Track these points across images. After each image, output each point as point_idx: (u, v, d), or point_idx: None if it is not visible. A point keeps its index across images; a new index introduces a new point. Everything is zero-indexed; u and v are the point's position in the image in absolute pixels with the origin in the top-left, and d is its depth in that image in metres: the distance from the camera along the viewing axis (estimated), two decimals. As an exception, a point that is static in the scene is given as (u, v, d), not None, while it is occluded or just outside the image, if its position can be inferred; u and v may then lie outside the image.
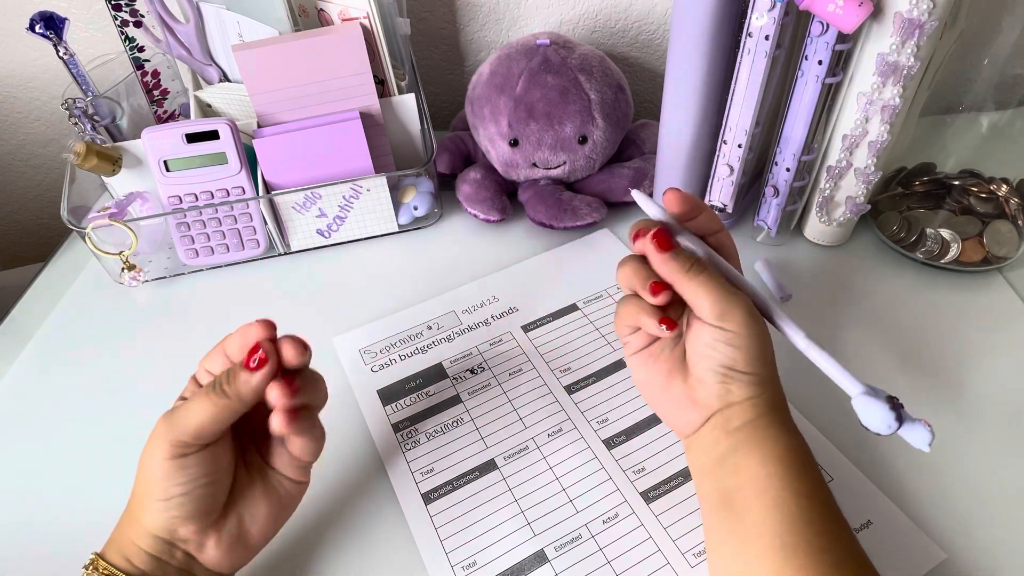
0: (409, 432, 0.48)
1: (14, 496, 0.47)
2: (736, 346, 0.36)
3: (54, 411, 0.52)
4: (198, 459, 0.35)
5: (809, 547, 0.33)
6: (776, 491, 0.34)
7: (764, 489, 0.34)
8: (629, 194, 0.63)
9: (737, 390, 0.36)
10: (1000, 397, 0.48)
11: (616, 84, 0.62)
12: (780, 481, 0.34)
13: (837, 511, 0.35)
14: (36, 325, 0.58)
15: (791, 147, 0.53)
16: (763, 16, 0.47)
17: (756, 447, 0.35)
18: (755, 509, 0.34)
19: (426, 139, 0.64)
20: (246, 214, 0.59)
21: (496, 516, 0.43)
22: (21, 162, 0.86)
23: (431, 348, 0.54)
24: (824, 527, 0.34)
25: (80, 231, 0.56)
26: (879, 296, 0.56)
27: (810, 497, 0.34)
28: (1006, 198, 0.56)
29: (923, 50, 0.46)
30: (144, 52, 0.62)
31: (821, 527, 0.33)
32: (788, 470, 0.35)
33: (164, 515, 0.35)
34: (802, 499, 0.34)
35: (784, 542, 0.33)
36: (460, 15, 0.75)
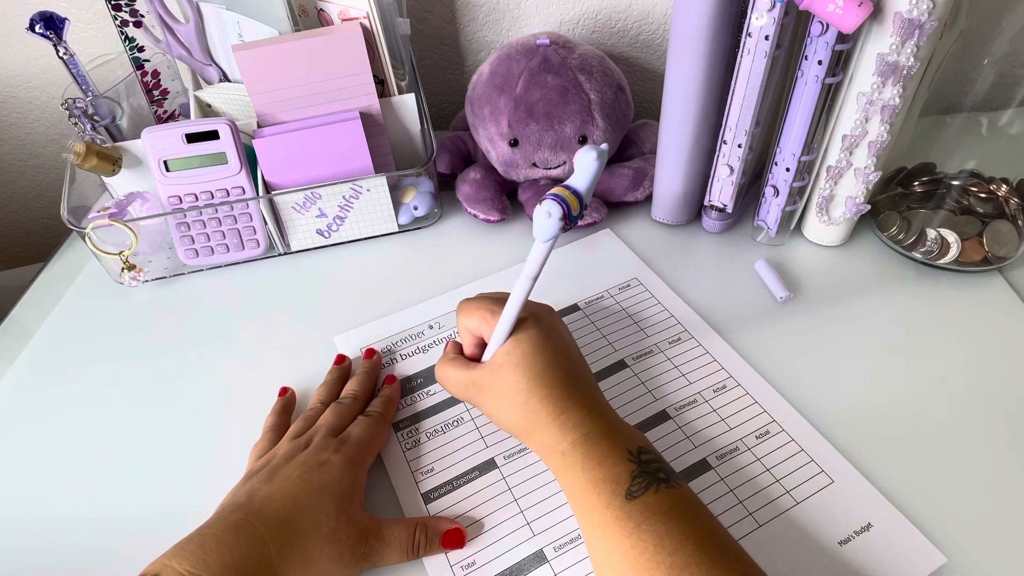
0: (409, 431, 0.48)
1: (14, 496, 0.47)
2: (489, 417, 0.45)
3: (54, 411, 0.52)
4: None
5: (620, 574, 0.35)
6: (582, 530, 0.38)
7: (582, 531, 0.39)
8: (629, 194, 0.63)
9: (521, 440, 0.44)
10: (1000, 397, 0.48)
11: (616, 84, 0.62)
12: (580, 520, 0.38)
13: (639, 520, 0.35)
14: (36, 325, 0.58)
15: (791, 147, 0.53)
16: (763, 16, 0.47)
17: (562, 488, 0.41)
18: (589, 552, 0.38)
19: (426, 139, 0.64)
20: (246, 214, 0.59)
21: (496, 516, 0.43)
22: (21, 162, 0.86)
23: (432, 347, 0.54)
24: (623, 552, 0.35)
25: (80, 231, 0.56)
26: (879, 296, 0.56)
27: (603, 526, 0.36)
28: (1006, 198, 0.56)
29: (923, 50, 0.46)
30: (144, 52, 0.62)
31: (620, 554, 0.35)
32: (579, 507, 0.38)
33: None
34: (597, 531, 0.37)
35: (598, 571, 0.37)
36: (460, 15, 0.75)
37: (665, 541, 0.34)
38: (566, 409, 0.40)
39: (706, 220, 0.62)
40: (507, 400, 0.42)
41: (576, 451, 0.39)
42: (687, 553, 0.34)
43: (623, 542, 0.35)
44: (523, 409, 0.41)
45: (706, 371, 0.50)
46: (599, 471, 0.37)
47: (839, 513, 0.42)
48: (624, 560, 0.35)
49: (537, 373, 0.41)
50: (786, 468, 0.44)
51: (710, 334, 0.53)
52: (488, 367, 0.43)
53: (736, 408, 0.48)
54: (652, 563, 0.34)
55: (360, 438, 0.44)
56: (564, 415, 0.40)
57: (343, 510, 0.40)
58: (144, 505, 0.46)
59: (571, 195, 0.36)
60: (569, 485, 0.39)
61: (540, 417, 0.40)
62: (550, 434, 0.40)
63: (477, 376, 0.43)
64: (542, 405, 0.40)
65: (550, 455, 0.40)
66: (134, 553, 0.38)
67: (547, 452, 0.40)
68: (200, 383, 0.53)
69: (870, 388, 0.49)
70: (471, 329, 0.45)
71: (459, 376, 0.45)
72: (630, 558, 0.34)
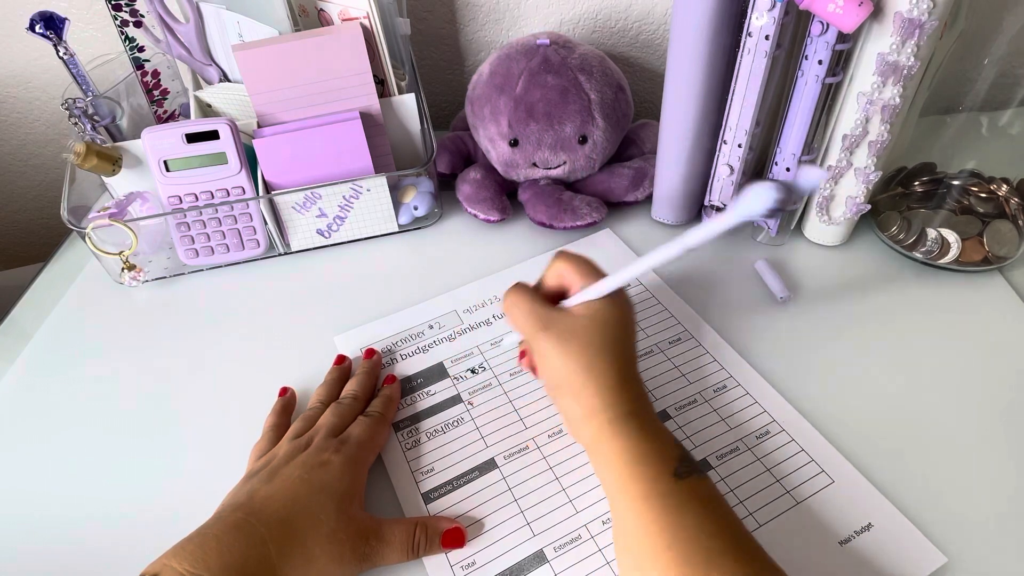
0: (410, 431, 0.48)
1: (14, 496, 0.47)
2: (544, 366, 0.42)
3: (54, 411, 0.52)
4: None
5: (655, 549, 0.34)
6: (622, 499, 0.37)
7: (615, 499, 0.37)
8: (630, 194, 0.63)
9: (562, 403, 0.42)
10: (1001, 397, 0.48)
11: (616, 84, 0.62)
12: (620, 489, 0.37)
13: (687, 498, 0.35)
14: (36, 325, 0.58)
15: (791, 147, 0.53)
16: (763, 16, 0.47)
17: (597, 458, 0.39)
18: (617, 520, 0.37)
19: (426, 139, 0.64)
20: (246, 214, 0.59)
21: (496, 516, 0.43)
22: (21, 162, 0.86)
23: (432, 347, 0.54)
24: (667, 523, 0.34)
25: (80, 231, 0.56)
26: (879, 296, 0.56)
27: (646, 498, 0.35)
28: (1006, 198, 0.56)
29: (923, 50, 0.46)
30: (144, 52, 0.62)
31: (661, 526, 0.34)
32: (622, 476, 0.37)
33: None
34: (640, 502, 0.35)
35: (640, 549, 0.35)
36: (460, 15, 0.75)
37: (705, 525, 0.34)
38: (627, 381, 0.40)
39: (706, 220, 0.62)
40: (574, 349, 0.40)
41: (631, 421, 0.38)
42: (725, 540, 0.34)
43: (666, 518, 0.35)
44: (586, 366, 0.39)
45: (706, 371, 0.50)
46: (650, 445, 0.37)
47: (839, 513, 0.42)
48: (662, 535, 0.34)
49: (613, 339, 0.41)
50: (786, 468, 0.44)
51: (710, 334, 0.53)
52: (570, 311, 0.42)
53: (736, 408, 0.48)
54: (693, 544, 0.34)
55: (360, 438, 0.44)
56: (625, 385, 0.40)
57: (343, 510, 0.40)
58: (144, 505, 0.46)
59: (790, 186, 0.34)
60: (614, 452, 0.38)
61: (601, 379, 0.39)
62: (605, 398, 0.39)
63: (554, 315, 0.42)
64: (608, 368, 0.40)
65: (597, 417, 0.39)
66: (134, 553, 0.38)
67: (594, 414, 0.39)
68: (200, 383, 0.53)
69: (870, 388, 0.49)
70: (565, 275, 0.43)
71: (533, 307, 0.42)
72: (669, 533, 0.34)
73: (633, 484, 0.36)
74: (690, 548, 0.33)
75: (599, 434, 0.39)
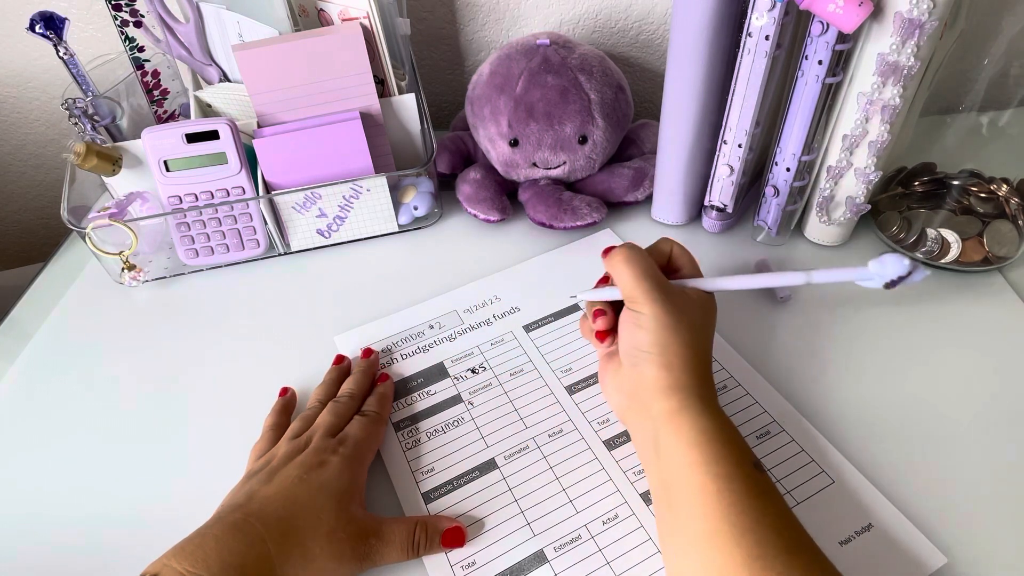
0: (410, 431, 0.48)
1: (14, 496, 0.47)
2: (643, 327, 0.39)
3: (54, 411, 0.52)
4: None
5: (733, 530, 0.33)
6: (697, 478, 0.35)
7: (688, 477, 0.36)
8: (629, 194, 0.63)
9: (647, 371, 0.39)
10: (1001, 397, 0.48)
11: (616, 84, 0.62)
12: (699, 467, 0.36)
13: (765, 489, 0.35)
14: (36, 325, 0.58)
15: (791, 147, 0.53)
16: (763, 16, 0.47)
17: (674, 433, 0.37)
18: (683, 499, 0.36)
19: (426, 139, 0.64)
20: (246, 214, 0.59)
21: (496, 516, 0.43)
22: (21, 162, 0.86)
23: (432, 347, 0.54)
24: (747, 507, 0.34)
25: (80, 231, 0.56)
26: (879, 296, 0.56)
27: (730, 479, 0.35)
28: (1006, 198, 0.56)
29: (923, 50, 0.46)
30: (144, 52, 0.62)
31: (743, 508, 0.34)
32: (705, 454, 0.36)
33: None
34: (721, 482, 0.35)
35: (708, 530, 0.34)
36: (460, 15, 0.75)
37: (783, 517, 0.35)
38: (709, 372, 0.40)
39: (706, 220, 0.62)
40: (684, 321, 0.39)
41: (715, 404, 0.39)
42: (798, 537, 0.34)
43: (748, 502, 0.34)
44: (690, 340, 0.39)
45: (706, 371, 0.50)
46: (734, 432, 0.38)
47: (840, 513, 0.42)
48: (740, 519, 0.33)
49: (709, 330, 0.42)
50: (787, 468, 0.44)
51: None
52: (686, 290, 0.42)
53: (737, 408, 0.48)
54: (771, 534, 0.33)
55: (358, 437, 0.44)
56: (709, 374, 0.40)
57: (343, 509, 0.40)
58: (144, 505, 0.46)
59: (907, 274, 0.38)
60: (698, 429, 0.37)
61: (697, 359, 0.39)
62: (695, 376, 0.39)
63: (673, 286, 0.41)
64: (703, 352, 0.40)
65: (685, 391, 0.38)
66: (134, 553, 0.38)
67: (682, 388, 0.38)
68: (200, 383, 0.53)
69: (870, 388, 0.49)
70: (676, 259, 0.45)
71: (654, 270, 0.41)
72: (749, 519, 0.34)
73: (716, 464, 0.35)
74: (767, 538, 0.33)
75: (682, 408, 0.37)
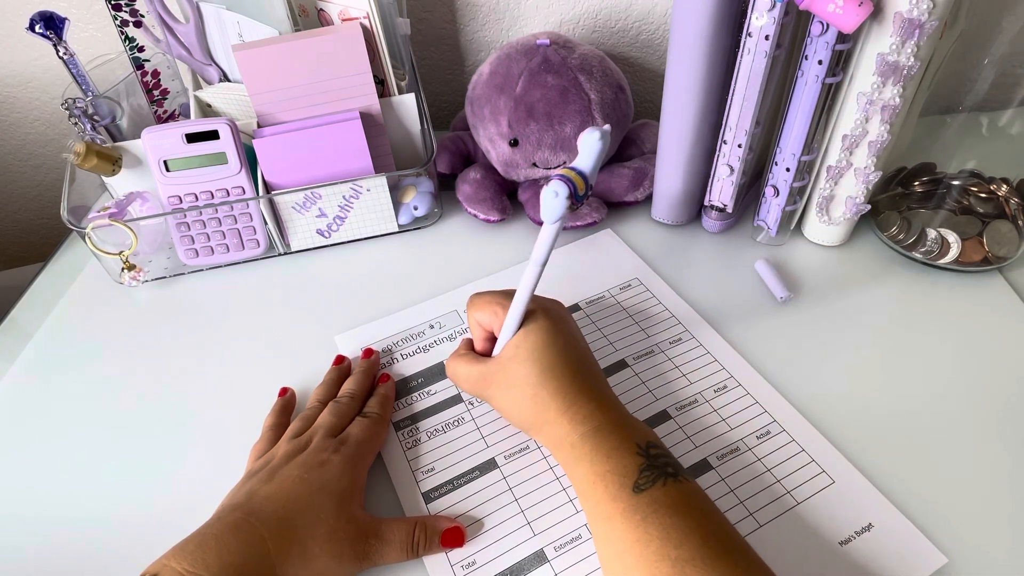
0: (410, 431, 0.48)
1: (14, 495, 0.47)
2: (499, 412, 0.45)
3: (54, 411, 0.52)
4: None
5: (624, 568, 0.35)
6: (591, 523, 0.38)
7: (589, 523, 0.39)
8: (629, 194, 0.63)
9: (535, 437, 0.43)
10: (1001, 397, 0.48)
11: (616, 84, 0.62)
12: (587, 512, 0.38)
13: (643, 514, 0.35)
14: (36, 325, 0.58)
15: (791, 147, 0.53)
16: (763, 16, 0.47)
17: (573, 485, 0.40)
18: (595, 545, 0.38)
19: (426, 139, 0.64)
20: (246, 214, 0.59)
21: (496, 515, 0.43)
22: (21, 162, 0.86)
23: (433, 347, 0.54)
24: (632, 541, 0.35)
25: (80, 231, 0.56)
26: (879, 296, 0.56)
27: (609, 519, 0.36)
28: (1006, 198, 0.56)
29: (923, 50, 0.46)
30: (144, 52, 0.62)
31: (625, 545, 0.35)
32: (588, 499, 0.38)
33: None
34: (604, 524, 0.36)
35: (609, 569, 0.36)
36: (460, 15, 0.75)
37: (671, 534, 0.34)
38: (575, 402, 0.40)
39: (706, 220, 0.62)
40: (517, 393, 0.42)
41: (585, 444, 0.39)
42: (692, 546, 0.34)
43: (629, 534, 0.35)
44: (533, 402, 0.41)
45: (707, 371, 0.50)
46: (607, 464, 0.37)
47: (840, 513, 0.42)
48: (629, 553, 0.35)
49: (547, 366, 0.41)
50: (787, 468, 0.44)
51: (711, 334, 0.53)
52: (498, 360, 0.43)
53: (737, 408, 0.48)
54: (657, 556, 0.34)
55: (359, 438, 0.44)
56: (574, 408, 0.40)
57: (343, 509, 0.40)
58: (143, 505, 0.46)
59: (576, 175, 0.36)
60: (578, 478, 0.39)
61: (550, 410, 0.40)
62: (560, 427, 0.40)
63: (487, 370, 0.44)
64: (552, 398, 0.40)
65: (559, 448, 0.40)
66: (134, 553, 0.38)
67: (557, 445, 0.40)
68: (200, 383, 0.53)
69: (871, 388, 0.49)
70: (482, 323, 0.45)
71: (469, 371, 0.45)
72: (635, 551, 0.34)
73: (597, 505, 0.37)
74: (657, 560, 0.34)
75: (564, 463, 0.40)
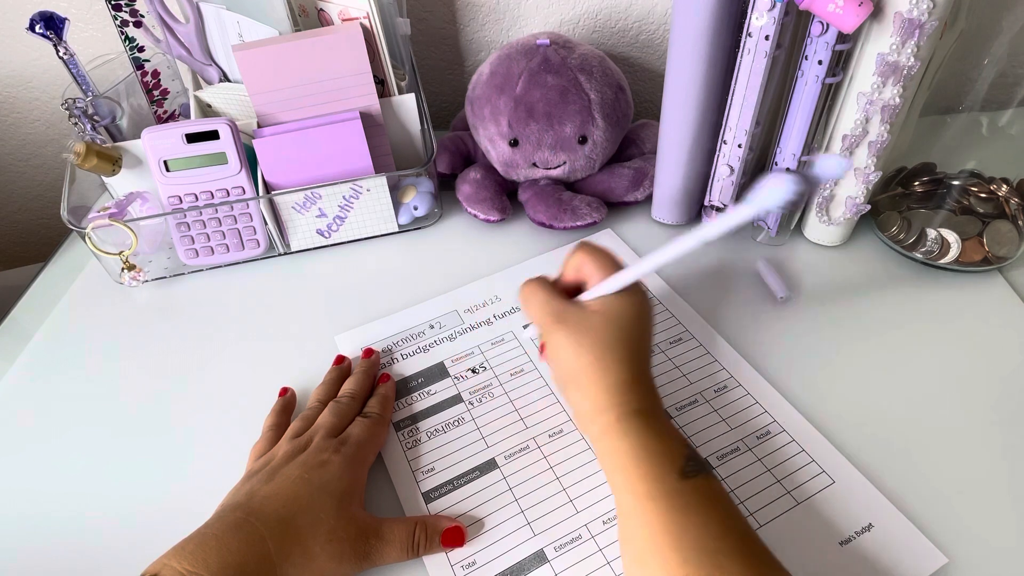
0: (410, 431, 0.48)
1: (14, 495, 0.47)
2: (551, 359, 0.42)
3: (54, 411, 0.52)
4: None
5: (656, 550, 0.34)
6: (625, 499, 0.36)
7: (618, 498, 0.37)
8: (629, 194, 0.63)
9: (572, 399, 0.42)
10: (1001, 397, 0.48)
11: (616, 84, 0.62)
12: (624, 489, 0.37)
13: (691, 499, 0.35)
14: (36, 325, 0.58)
15: (791, 147, 0.53)
16: (763, 16, 0.47)
17: (602, 457, 0.39)
18: (621, 515, 0.37)
19: (426, 139, 0.64)
20: (246, 214, 0.59)
21: (496, 515, 0.43)
22: (21, 162, 0.86)
23: (433, 347, 0.54)
24: (667, 524, 0.34)
25: (80, 231, 0.56)
26: (879, 296, 0.56)
27: (653, 498, 0.35)
28: (1006, 198, 0.56)
29: (923, 50, 0.46)
30: (144, 52, 0.62)
31: (663, 526, 0.34)
32: (628, 476, 0.36)
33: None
34: (645, 502, 0.35)
35: (640, 549, 0.35)
36: (460, 15, 0.75)
37: (711, 526, 0.34)
38: (637, 378, 0.40)
39: (706, 220, 0.62)
40: (586, 343, 0.40)
41: (638, 419, 0.38)
42: (730, 541, 0.34)
43: (671, 517, 0.34)
44: (596, 359, 0.39)
45: (707, 371, 0.50)
46: (658, 443, 0.37)
47: (840, 513, 0.42)
48: (667, 535, 0.34)
49: (626, 336, 0.40)
50: (787, 468, 0.44)
51: (711, 334, 0.53)
52: (584, 305, 0.42)
53: (737, 408, 0.48)
54: (697, 545, 0.33)
55: (360, 438, 0.44)
56: (635, 384, 0.39)
57: (343, 509, 0.40)
58: (143, 505, 0.46)
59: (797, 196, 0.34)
60: (621, 451, 0.37)
61: (611, 376, 0.39)
62: (613, 396, 0.39)
63: (566, 308, 0.42)
64: (619, 365, 0.39)
65: (605, 414, 0.39)
66: (133, 553, 0.38)
67: (602, 411, 0.39)
68: (200, 383, 0.53)
69: (871, 388, 0.49)
70: (583, 269, 0.43)
71: (548, 300, 0.42)
72: (674, 535, 0.34)
73: (639, 483, 0.36)
74: (695, 548, 0.33)
75: (606, 431, 0.38)
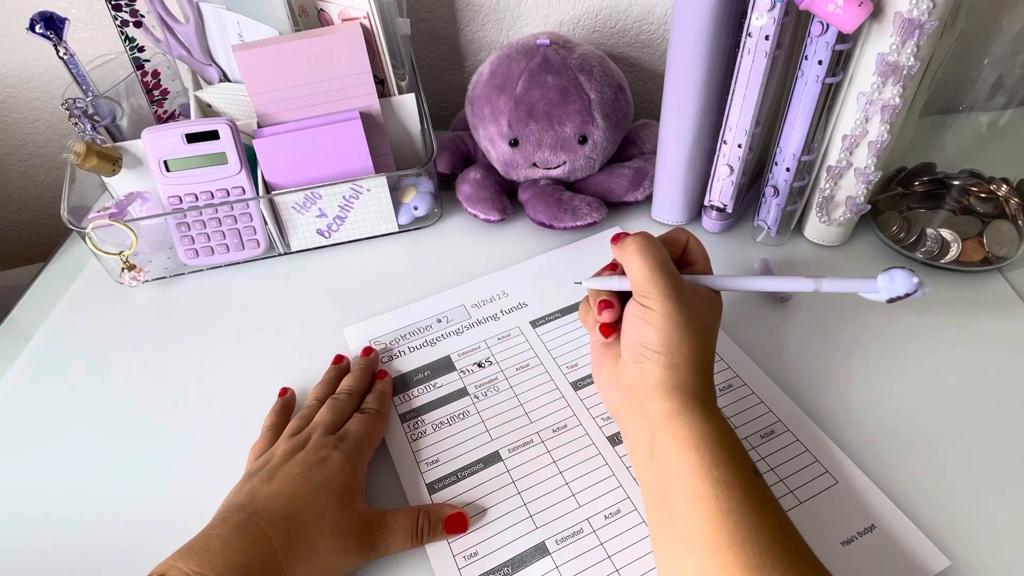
0: (416, 423, 0.48)
1: (14, 496, 0.47)
2: (653, 325, 0.37)
3: (54, 411, 0.52)
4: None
5: (731, 539, 0.32)
6: (695, 483, 0.34)
7: (685, 482, 0.34)
8: (629, 194, 0.63)
9: (650, 370, 0.37)
10: (1002, 397, 0.48)
11: (616, 84, 0.62)
12: (697, 472, 0.34)
13: (764, 497, 0.34)
14: (36, 325, 0.58)
15: (791, 147, 0.53)
16: (763, 16, 0.47)
17: (672, 435, 0.36)
18: (680, 504, 0.34)
19: (426, 139, 0.64)
20: (246, 214, 0.59)
21: (499, 508, 0.43)
22: (21, 162, 0.86)
23: (440, 341, 0.54)
24: (745, 515, 0.33)
25: (80, 231, 0.56)
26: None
27: (729, 485, 0.34)
28: (1006, 198, 0.56)
29: (923, 50, 0.46)
30: (144, 52, 0.62)
31: (742, 516, 0.33)
32: (704, 458, 0.34)
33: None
34: (720, 488, 0.33)
35: (705, 537, 0.33)
36: (460, 15, 0.75)
37: (782, 526, 0.33)
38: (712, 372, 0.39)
39: (706, 220, 0.62)
40: (695, 323, 0.38)
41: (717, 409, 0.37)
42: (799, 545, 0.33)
43: (750, 510, 0.33)
44: (697, 343, 0.38)
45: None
46: (733, 437, 0.36)
47: (843, 514, 0.42)
48: (739, 527, 0.32)
49: (715, 329, 0.40)
50: (790, 468, 0.44)
51: (711, 333, 0.53)
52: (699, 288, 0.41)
53: (741, 407, 0.48)
54: (771, 540, 0.32)
55: (358, 434, 0.44)
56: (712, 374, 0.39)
57: (345, 504, 0.40)
58: (143, 505, 0.45)
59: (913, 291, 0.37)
60: (699, 432, 0.35)
61: (704, 361, 0.38)
62: (700, 379, 0.37)
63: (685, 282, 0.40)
64: (710, 352, 0.39)
65: (687, 392, 0.37)
66: (133, 553, 0.38)
67: (686, 389, 0.37)
68: (200, 383, 0.53)
69: (873, 389, 0.49)
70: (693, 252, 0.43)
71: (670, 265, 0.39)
72: (747, 527, 0.32)
73: (715, 468, 0.34)
74: (765, 547, 0.32)
75: (682, 410, 0.36)
